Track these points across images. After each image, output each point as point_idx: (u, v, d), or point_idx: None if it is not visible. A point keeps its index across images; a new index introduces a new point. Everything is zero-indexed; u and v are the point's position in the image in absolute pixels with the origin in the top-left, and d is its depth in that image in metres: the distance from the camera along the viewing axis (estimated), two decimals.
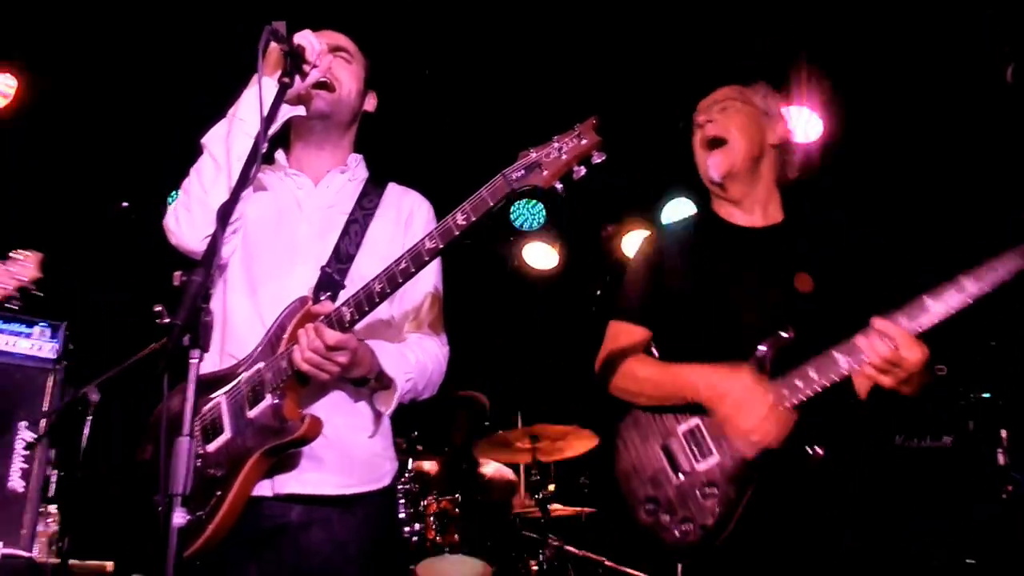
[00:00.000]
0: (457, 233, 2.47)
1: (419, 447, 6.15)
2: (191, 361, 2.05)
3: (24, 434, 4.63)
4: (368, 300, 2.55)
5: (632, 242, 7.43)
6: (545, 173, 2.41)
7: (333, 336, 2.53)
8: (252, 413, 2.62)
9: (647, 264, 3.17)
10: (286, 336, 2.66)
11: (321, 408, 2.73)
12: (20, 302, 3.56)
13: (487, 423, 7.09)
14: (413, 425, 6.24)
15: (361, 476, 2.80)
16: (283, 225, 2.91)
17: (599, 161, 2.42)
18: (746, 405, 2.70)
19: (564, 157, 2.41)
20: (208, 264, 2.13)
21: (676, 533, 2.79)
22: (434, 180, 3.46)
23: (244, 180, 2.36)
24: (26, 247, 3.61)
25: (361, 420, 2.85)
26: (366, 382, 2.74)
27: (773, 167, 3.12)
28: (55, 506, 4.81)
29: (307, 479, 2.70)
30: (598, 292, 5.64)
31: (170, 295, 2.14)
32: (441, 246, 2.49)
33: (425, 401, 2.99)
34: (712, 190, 3.18)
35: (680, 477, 2.84)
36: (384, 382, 2.76)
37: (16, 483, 4.57)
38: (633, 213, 7.47)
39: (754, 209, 3.10)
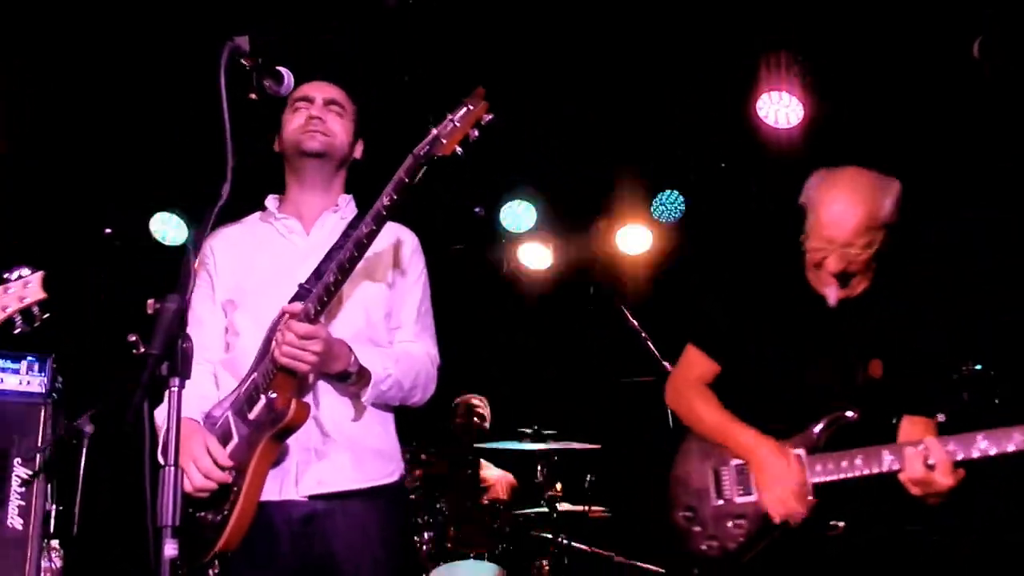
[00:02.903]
0: (385, 213, 2.75)
1: (423, 456, 6.12)
2: (171, 390, 2.03)
3: (19, 471, 4.55)
4: (326, 291, 2.81)
5: (625, 236, 7.39)
6: (445, 142, 2.69)
7: (302, 327, 2.77)
8: (252, 415, 2.88)
9: (734, 305, 3.41)
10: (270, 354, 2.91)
11: (332, 413, 3.03)
12: (24, 326, 3.43)
13: (487, 426, 7.07)
14: (416, 434, 6.22)
15: (374, 472, 3.08)
16: (282, 271, 3.11)
17: (489, 120, 2.74)
18: (778, 483, 3.03)
19: (459, 125, 2.69)
20: (182, 290, 2.12)
21: (701, 545, 3.18)
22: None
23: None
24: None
25: (369, 422, 3.11)
26: (348, 376, 2.96)
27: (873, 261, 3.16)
28: (57, 541, 4.75)
29: (327, 480, 2.99)
30: (591, 290, 5.62)
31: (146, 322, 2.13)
32: (375, 228, 2.76)
33: (425, 406, 3.28)
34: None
35: (719, 501, 3.21)
36: (367, 377, 2.98)
37: (15, 521, 4.49)
38: (624, 208, 7.44)
39: (847, 284, 3.16)
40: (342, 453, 3.02)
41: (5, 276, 3.32)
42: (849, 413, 3.05)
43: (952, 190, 6.06)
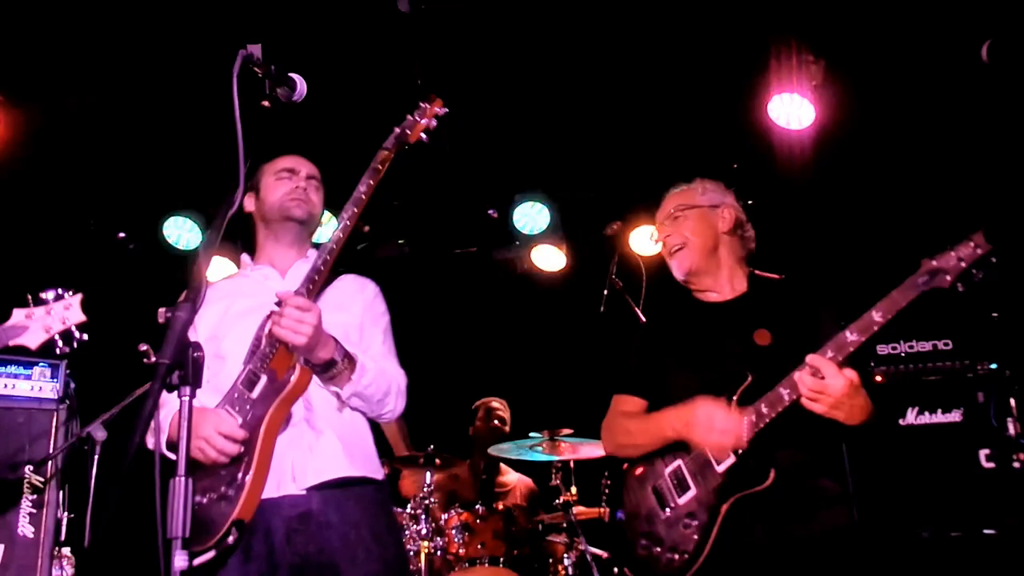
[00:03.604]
0: (365, 199, 3.25)
1: (437, 460, 6.10)
2: (182, 399, 2.02)
3: (30, 478, 4.54)
4: (316, 272, 3.17)
5: (638, 238, 7.36)
6: (409, 133, 3.33)
7: (299, 299, 3.05)
8: (255, 394, 3.09)
9: (640, 343, 3.74)
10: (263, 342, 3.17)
11: (323, 411, 3.30)
12: (64, 347, 3.48)
13: (507, 429, 7.07)
14: (430, 438, 6.21)
15: (360, 464, 3.34)
16: (262, 305, 3.28)
17: (444, 112, 3.38)
18: (707, 420, 3.21)
19: (420, 120, 3.35)
20: (194, 300, 2.10)
21: (664, 561, 3.27)
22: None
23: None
24: (18, 281, 3.51)
25: (355, 420, 3.41)
26: (334, 364, 3.18)
27: (731, 249, 3.60)
28: (68, 549, 4.73)
29: (322, 469, 3.22)
30: (605, 292, 5.60)
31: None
32: (357, 211, 3.23)
33: (445, 409, 3.39)
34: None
35: (667, 512, 3.33)
36: (352, 366, 3.23)
37: (26, 529, 4.47)
38: (637, 209, 7.42)
39: (722, 288, 3.58)
40: (334, 444, 3.28)
41: (43, 297, 3.45)
42: (746, 378, 3.21)
43: (959, 192, 6.06)
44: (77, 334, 3.45)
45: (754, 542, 3.17)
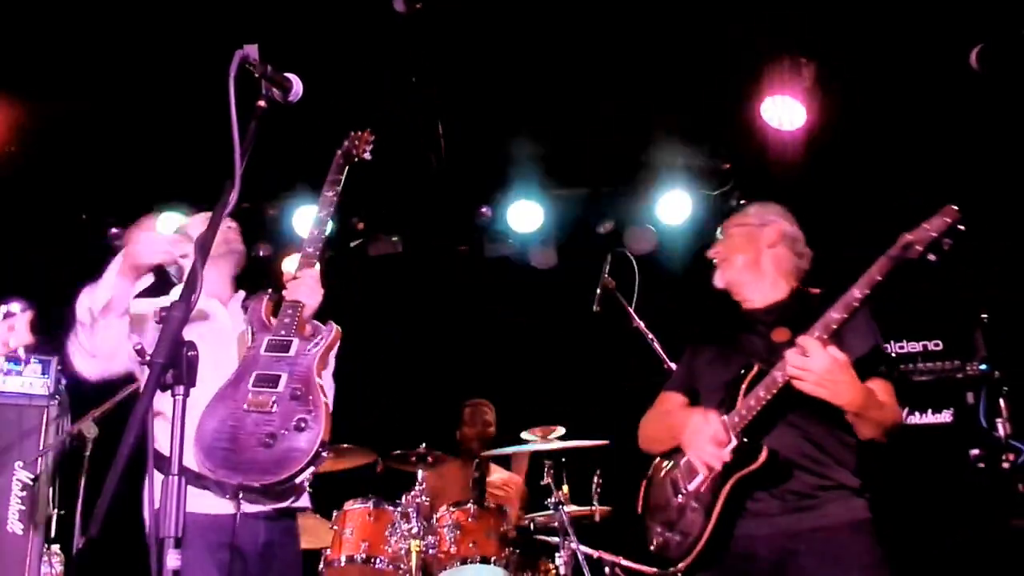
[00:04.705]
0: (334, 196, 3.97)
1: (429, 459, 6.09)
2: (175, 398, 2.01)
3: (20, 474, 4.51)
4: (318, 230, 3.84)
5: (631, 237, 7.39)
6: (355, 153, 4.08)
7: (313, 271, 3.69)
8: (291, 352, 3.51)
9: (691, 345, 3.90)
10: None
11: None
12: (11, 370, 3.33)
13: (492, 431, 7.06)
14: (421, 436, 6.21)
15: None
16: (222, 334, 3.81)
17: (373, 139, 4.09)
18: (697, 436, 3.36)
19: (359, 143, 4.09)
20: (188, 297, 2.10)
21: (675, 544, 3.44)
22: None
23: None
24: (12, 278, 3.40)
25: None
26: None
27: (776, 262, 3.69)
28: (58, 546, 4.70)
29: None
30: (598, 291, 5.59)
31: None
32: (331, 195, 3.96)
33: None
34: None
35: (679, 499, 3.48)
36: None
37: (15, 525, 4.44)
38: (630, 208, 7.45)
39: (761, 297, 3.69)
40: None
41: None
42: (754, 368, 3.35)
43: (950, 192, 6.09)
44: (23, 355, 3.32)
45: (755, 531, 3.28)
